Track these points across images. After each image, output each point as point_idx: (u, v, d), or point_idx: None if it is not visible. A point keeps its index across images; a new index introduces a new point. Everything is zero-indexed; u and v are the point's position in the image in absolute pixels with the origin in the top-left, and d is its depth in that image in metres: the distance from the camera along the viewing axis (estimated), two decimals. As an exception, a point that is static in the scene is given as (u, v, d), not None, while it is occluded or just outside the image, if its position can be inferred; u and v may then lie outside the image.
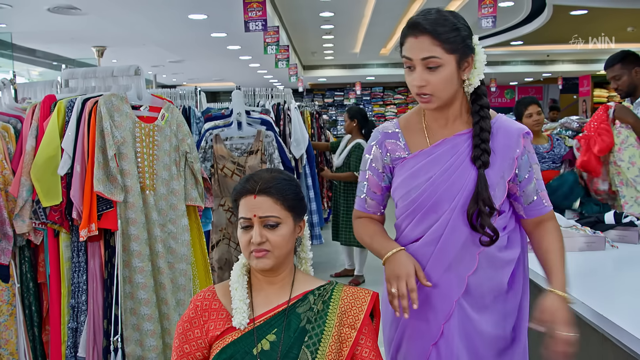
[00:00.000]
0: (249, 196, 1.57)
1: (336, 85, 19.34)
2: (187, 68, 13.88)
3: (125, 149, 2.49)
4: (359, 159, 5.32)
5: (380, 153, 1.84)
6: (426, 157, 1.76)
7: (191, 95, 4.10)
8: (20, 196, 2.48)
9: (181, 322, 1.62)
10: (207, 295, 1.64)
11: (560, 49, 13.53)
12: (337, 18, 9.07)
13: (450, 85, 1.67)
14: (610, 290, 2.19)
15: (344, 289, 1.64)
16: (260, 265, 1.56)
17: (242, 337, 1.55)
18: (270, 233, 1.56)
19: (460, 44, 1.64)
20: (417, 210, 1.77)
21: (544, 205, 1.78)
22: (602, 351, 2.09)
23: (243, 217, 1.58)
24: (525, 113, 4.06)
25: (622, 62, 3.46)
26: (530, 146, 1.76)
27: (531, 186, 1.76)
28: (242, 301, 1.57)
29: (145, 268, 2.51)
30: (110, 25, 7.92)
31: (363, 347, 1.58)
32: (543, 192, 1.78)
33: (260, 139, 3.52)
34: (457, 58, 1.65)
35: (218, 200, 3.48)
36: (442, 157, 1.74)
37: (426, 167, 1.75)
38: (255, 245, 1.55)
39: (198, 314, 1.61)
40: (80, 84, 2.82)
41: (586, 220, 3.00)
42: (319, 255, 6.64)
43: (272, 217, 1.56)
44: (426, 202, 1.74)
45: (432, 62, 1.63)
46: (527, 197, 1.77)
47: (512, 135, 1.73)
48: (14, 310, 2.59)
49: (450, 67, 1.64)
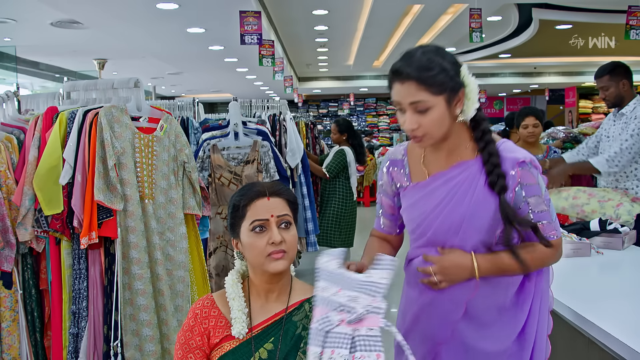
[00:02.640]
0: (262, 199, 1.56)
1: (330, 96, 19.36)
2: (185, 80, 13.88)
3: (125, 159, 2.49)
4: (335, 162, 5.63)
5: (388, 179, 1.83)
6: (422, 190, 1.73)
7: (189, 106, 4.10)
8: (22, 205, 2.47)
9: (182, 332, 1.60)
10: (206, 303, 1.62)
11: (547, 61, 13.59)
12: (331, 31, 9.10)
13: (443, 124, 1.61)
14: (596, 295, 2.20)
15: None
16: (278, 267, 1.53)
17: (240, 346, 1.54)
18: (285, 233, 1.55)
19: (448, 83, 1.57)
20: (419, 238, 1.77)
21: (543, 236, 1.66)
22: (588, 354, 2.10)
23: (258, 219, 1.55)
24: (522, 124, 4.07)
25: (610, 73, 3.48)
26: (529, 177, 1.63)
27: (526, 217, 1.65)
28: (240, 311, 1.56)
29: (145, 275, 2.50)
30: (111, 38, 7.93)
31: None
32: (543, 224, 1.65)
33: (256, 148, 3.52)
34: (446, 97, 1.58)
35: (215, 208, 3.48)
36: (436, 191, 1.70)
37: (422, 201, 1.73)
38: (275, 246, 1.53)
39: (198, 321, 1.59)
40: (81, 96, 2.82)
41: (572, 227, 3.01)
42: (312, 262, 6.61)
43: (286, 216, 1.57)
44: (423, 234, 1.74)
45: (421, 105, 1.57)
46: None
47: (505, 168, 1.62)
48: (17, 316, 2.57)
49: (440, 107, 1.58)
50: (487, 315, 1.71)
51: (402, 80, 1.58)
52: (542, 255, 1.68)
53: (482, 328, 1.71)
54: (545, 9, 8.32)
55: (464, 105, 1.63)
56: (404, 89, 1.58)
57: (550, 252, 1.68)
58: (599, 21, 8.34)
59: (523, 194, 1.63)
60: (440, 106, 1.58)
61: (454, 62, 1.61)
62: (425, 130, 1.60)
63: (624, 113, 3.44)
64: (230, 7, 5.92)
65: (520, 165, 1.62)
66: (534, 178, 1.64)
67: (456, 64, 1.62)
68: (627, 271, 2.60)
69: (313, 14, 7.74)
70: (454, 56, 1.63)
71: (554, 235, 1.68)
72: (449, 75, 1.58)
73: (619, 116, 3.50)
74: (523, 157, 1.63)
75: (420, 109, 1.58)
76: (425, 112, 1.58)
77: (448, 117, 1.61)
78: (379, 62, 13.39)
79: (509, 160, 1.63)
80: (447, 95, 1.58)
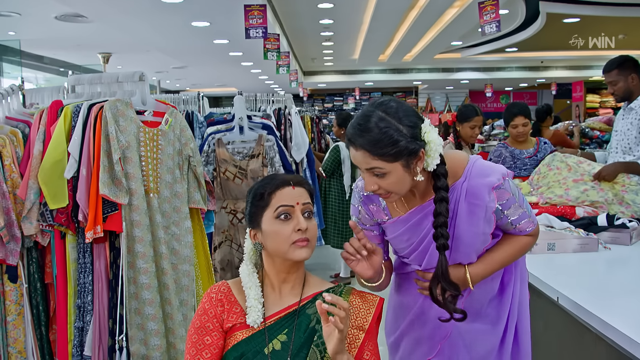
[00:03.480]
0: (286, 187, 1.58)
1: (335, 90, 19.34)
2: (190, 74, 13.89)
3: (129, 153, 2.49)
4: (329, 160, 5.63)
5: (368, 215, 1.83)
6: (404, 224, 1.75)
7: (194, 100, 4.09)
8: (28, 199, 2.48)
9: (196, 316, 1.60)
10: (222, 289, 1.63)
11: (554, 55, 13.55)
12: (336, 25, 9.08)
13: (404, 184, 1.59)
14: (604, 291, 2.19)
15: (352, 292, 1.65)
16: (303, 254, 1.55)
17: (253, 336, 1.55)
18: (308, 222, 1.57)
19: (403, 151, 1.53)
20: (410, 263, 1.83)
21: (521, 232, 1.78)
22: (596, 350, 2.09)
23: (284, 204, 1.56)
24: (511, 123, 4.08)
25: (619, 67, 3.45)
26: (504, 194, 1.68)
27: (507, 224, 1.75)
28: (256, 300, 1.57)
29: (150, 269, 2.51)
30: (116, 32, 7.93)
31: (365, 349, 1.59)
32: (522, 223, 1.75)
33: (261, 143, 3.51)
34: (403, 163, 1.55)
35: (220, 202, 3.48)
36: (419, 223, 1.72)
37: (407, 234, 1.75)
38: (300, 234, 1.54)
39: (213, 304, 1.60)
40: (86, 90, 2.82)
41: (579, 222, 3.00)
42: (318, 256, 6.64)
43: (310, 205, 1.60)
44: (415, 262, 1.80)
45: (377, 171, 1.56)
46: (504, 229, 1.79)
47: (482, 195, 1.65)
48: (22, 310, 2.58)
49: (397, 172, 1.55)
50: (478, 307, 1.84)
51: (355, 147, 1.56)
52: (524, 245, 1.80)
53: (476, 318, 1.83)
54: (552, 2, 8.26)
55: (425, 163, 1.59)
56: (358, 155, 1.56)
57: (531, 240, 1.82)
58: (607, 14, 8.27)
59: (501, 209, 1.70)
60: (398, 170, 1.56)
61: (413, 124, 1.55)
62: (387, 190, 1.60)
63: (633, 107, 3.42)
64: (235, 1, 5.91)
65: (495, 189, 1.66)
66: (508, 192, 1.69)
67: (415, 125, 1.56)
68: (635, 267, 2.58)
69: (318, 8, 7.72)
70: (414, 113, 1.58)
71: (532, 227, 1.79)
72: (404, 144, 1.52)
73: (628, 110, 3.48)
74: (497, 181, 1.65)
75: (377, 173, 1.56)
76: (383, 177, 1.56)
77: (408, 177, 1.58)
78: (384, 56, 13.36)
79: (484, 187, 1.65)
80: (403, 160, 1.55)
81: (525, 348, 1.88)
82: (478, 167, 1.69)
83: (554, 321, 2.41)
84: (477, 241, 1.72)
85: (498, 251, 1.77)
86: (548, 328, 2.48)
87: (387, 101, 1.58)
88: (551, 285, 2.17)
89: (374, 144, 1.52)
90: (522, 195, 1.76)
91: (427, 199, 1.71)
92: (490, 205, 1.66)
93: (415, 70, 16.14)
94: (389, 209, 1.78)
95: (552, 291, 2.15)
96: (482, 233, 1.70)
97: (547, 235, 2.70)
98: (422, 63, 15.12)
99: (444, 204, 1.61)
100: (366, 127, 1.53)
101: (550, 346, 2.47)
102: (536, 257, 2.58)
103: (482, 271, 1.75)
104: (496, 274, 1.83)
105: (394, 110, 1.55)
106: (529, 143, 4.14)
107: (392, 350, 2.00)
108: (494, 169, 1.68)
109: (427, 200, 1.71)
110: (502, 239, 1.80)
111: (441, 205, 1.61)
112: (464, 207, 1.67)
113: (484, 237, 1.71)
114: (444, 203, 1.61)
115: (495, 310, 1.86)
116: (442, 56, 13.63)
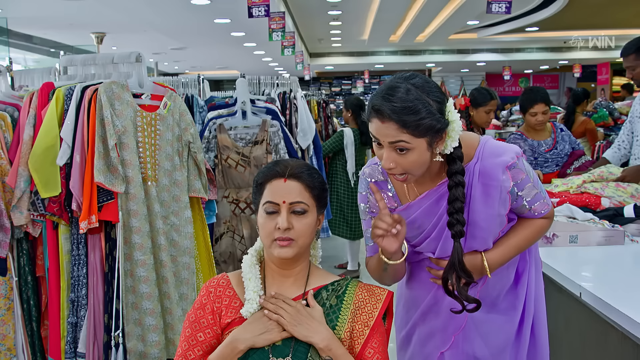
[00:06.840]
0: (278, 179, 1.57)
1: (344, 73, 19.32)
2: (189, 55, 13.88)
3: (126, 139, 2.49)
4: (330, 142, 5.67)
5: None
6: (416, 209, 1.76)
7: (194, 83, 4.09)
8: (17, 187, 2.49)
9: (192, 310, 1.62)
10: (221, 282, 1.65)
11: (578, 34, 13.44)
12: (344, 4, 9.05)
13: (423, 165, 1.60)
14: (630, 287, 2.18)
15: (358, 285, 1.65)
16: (282, 254, 1.55)
17: None
18: (296, 220, 1.56)
19: (432, 126, 1.54)
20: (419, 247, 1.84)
21: (536, 214, 1.81)
22: (621, 349, 2.09)
23: (270, 201, 1.56)
24: (530, 111, 4.00)
25: (637, 52, 3.43)
26: (519, 174, 1.70)
27: (521, 206, 1.77)
28: (255, 292, 1.58)
29: (147, 261, 2.52)
30: (110, 10, 7.91)
31: (369, 347, 1.59)
32: (536, 205, 1.78)
33: (265, 128, 3.51)
34: (428, 140, 1.56)
35: (222, 191, 3.49)
36: (431, 208, 1.73)
37: (419, 220, 1.76)
38: (280, 232, 1.54)
39: (210, 299, 1.61)
40: (79, 71, 2.82)
41: (604, 213, 2.98)
42: (325, 248, 6.64)
43: (300, 204, 1.56)
44: (428, 249, 1.81)
45: (401, 145, 1.54)
46: (519, 212, 1.82)
47: (496, 174, 1.67)
48: (12, 305, 2.60)
49: (420, 149, 1.56)
50: (494, 296, 1.88)
51: (382, 119, 1.54)
52: (540, 228, 1.83)
53: (491, 308, 1.86)
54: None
55: (445, 143, 1.60)
56: (383, 127, 1.54)
57: (547, 222, 1.85)
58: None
59: (516, 190, 1.72)
60: (422, 148, 1.56)
61: (441, 99, 1.58)
62: (404, 170, 1.59)
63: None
64: (237, -23, 5.90)
65: (509, 168, 1.68)
66: (522, 172, 1.71)
67: (442, 101, 1.58)
68: (664, 261, 2.57)
69: (326, -16, 7.70)
70: (440, 90, 1.60)
71: (547, 209, 1.82)
72: (435, 117, 1.54)
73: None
74: (511, 159, 1.68)
75: (401, 148, 1.55)
76: (405, 153, 1.56)
77: (428, 157, 1.59)
78: (395, 37, 13.30)
79: (498, 166, 1.67)
80: (429, 137, 1.56)
81: (543, 338, 1.90)
82: (490, 147, 1.71)
83: (577, 318, 2.40)
84: (494, 224, 1.73)
85: (514, 235, 1.80)
86: (570, 326, 2.48)
87: (413, 75, 1.59)
88: (573, 280, 2.16)
89: (406, 113, 1.51)
90: (536, 176, 1.78)
91: (437, 182, 1.72)
92: (505, 185, 1.68)
93: (428, 51, 16.08)
94: (399, 196, 1.79)
95: (574, 286, 2.15)
96: (498, 215, 1.71)
97: (569, 227, 2.69)
98: (435, 44, 15.06)
99: (460, 188, 1.62)
100: (395, 97, 1.53)
101: (573, 345, 2.46)
102: (557, 250, 2.57)
103: (499, 257, 1.77)
104: (511, 262, 1.85)
105: (422, 84, 1.57)
106: (545, 131, 4.10)
107: (404, 344, 2.01)
108: (506, 148, 1.70)
109: (438, 184, 1.72)
110: (516, 223, 1.83)
111: (457, 190, 1.62)
112: (478, 189, 1.68)
113: (500, 219, 1.73)
114: (460, 188, 1.62)
115: (510, 299, 1.88)
116: (457, 36, 13.56)
